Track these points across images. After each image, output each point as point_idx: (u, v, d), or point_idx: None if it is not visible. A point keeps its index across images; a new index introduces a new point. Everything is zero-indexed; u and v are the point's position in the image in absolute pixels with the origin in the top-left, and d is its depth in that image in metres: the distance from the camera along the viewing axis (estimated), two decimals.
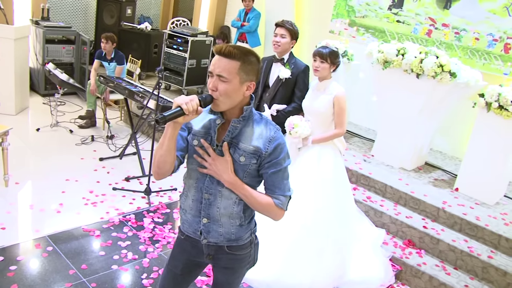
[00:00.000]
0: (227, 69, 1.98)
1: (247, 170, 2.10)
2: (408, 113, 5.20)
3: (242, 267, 2.34)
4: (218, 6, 9.05)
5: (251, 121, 2.11)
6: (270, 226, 3.80)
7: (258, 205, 2.13)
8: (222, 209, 2.15)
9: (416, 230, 4.41)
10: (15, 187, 4.73)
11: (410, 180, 5.11)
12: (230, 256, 2.27)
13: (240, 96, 2.04)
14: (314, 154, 3.77)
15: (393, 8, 6.56)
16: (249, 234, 2.28)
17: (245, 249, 2.28)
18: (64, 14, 8.75)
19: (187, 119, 1.98)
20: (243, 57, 1.99)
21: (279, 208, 2.14)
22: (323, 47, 3.70)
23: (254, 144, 2.07)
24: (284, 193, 2.14)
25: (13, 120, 6.22)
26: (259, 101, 4.25)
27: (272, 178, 2.11)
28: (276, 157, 2.08)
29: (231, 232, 2.20)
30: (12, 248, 3.73)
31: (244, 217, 2.20)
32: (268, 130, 2.09)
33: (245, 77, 2.01)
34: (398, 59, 5.05)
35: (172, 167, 2.14)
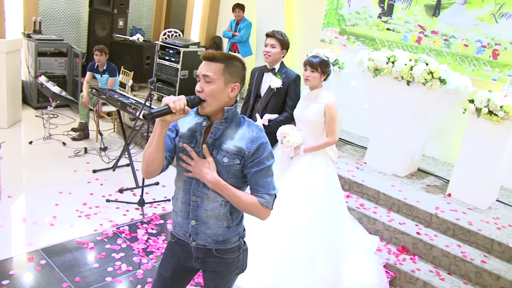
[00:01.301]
0: (211, 70, 2.08)
1: (231, 171, 2.15)
2: (399, 120, 5.24)
3: (230, 272, 2.36)
4: (210, 17, 9.11)
5: (234, 123, 2.18)
6: (262, 233, 3.82)
7: (243, 204, 2.16)
8: (209, 211, 2.20)
9: (409, 237, 4.42)
10: (8, 201, 4.71)
11: (403, 187, 5.13)
12: (218, 260, 2.30)
13: (225, 97, 2.12)
14: (306, 163, 3.79)
15: (382, 16, 6.63)
16: (237, 238, 2.31)
17: (233, 253, 2.32)
18: (56, 26, 8.77)
19: (174, 118, 2.06)
20: (226, 60, 2.09)
21: (264, 207, 2.17)
22: (314, 57, 3.74)
23: (236, 145, 2.13)
24: (269, 191, 2.17)
25: (5, 133, 6.21)
26: (251, 111, 4.28)
27: (256, 177, 2.15)
28: (259, 156, 2.14)
29: (218, 233, 2.24)
30: (4, 262, 3.71)
31: (231, 219, 2.24)
32: (251, 131, 2.16)
33: (230, 78, 2.10)
34: (388, 67, 5.10)
35: (160, 166, 2.19)
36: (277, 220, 3.77)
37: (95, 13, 8.84)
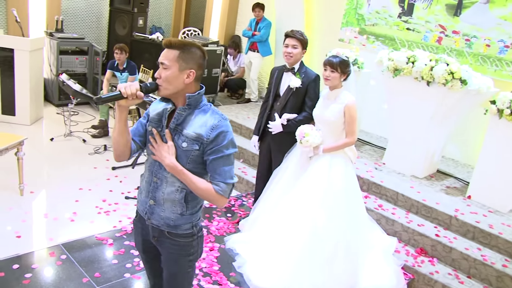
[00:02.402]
0: (167, 57, 2.18)
1: (190, 156, 2.23)
2: (419, 121, 5.19)
3: (183, 256, 2.41)
4: (229, 16, 9.13)
5: (198, 110, 2.26)
6: (280, 232, 3.84)
7: (199, 190, 2.22)
8: (166, 194, 2.30)
9: (428, 238, 4.39)
10: (30, 196, 4.79)
11: (421, 188, 5.09)
12: (172, 242, 2.38)
13: (180, 83, 2.20)
14: (325, 163, 3.79)
15: (403, 16, 6.58)
16: (190, 226, 2.37)
17: (185, 238, 2.38)
18: (77, 25, 8.88)
19: (129, 102, 2.19)
20: (182, 47, 2.18)
21: (219, 195, 2.22)
22: (334, 56, 3.73)
23: (196, 131, 2.20)
24: (225, 180, 2.23)
25: (28, 130, 6.31)
26: (270, 110, 4.28)
27: (213, 164, 2.22)
28: (218, 144, 2.20)
29: (171, 218, 2.33)
30: (27, 256, 3.78)
31: (185, 207, 2.32)
32: (213, 119, 2.22)
33: (184, 65, 2.18)
34: (408, 67, 5.06)
35: (126, 150, 2.34)
36: (295, 219, 3.78)
37: (116, 12, 8.93)
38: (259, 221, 4.20)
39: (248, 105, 7.72)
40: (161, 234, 2.38)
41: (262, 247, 3.97)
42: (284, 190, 4.00)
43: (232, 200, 5.26)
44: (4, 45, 6.31)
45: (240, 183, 5.60)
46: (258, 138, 4.43)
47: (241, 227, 4.54)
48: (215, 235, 4.47)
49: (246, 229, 4.40)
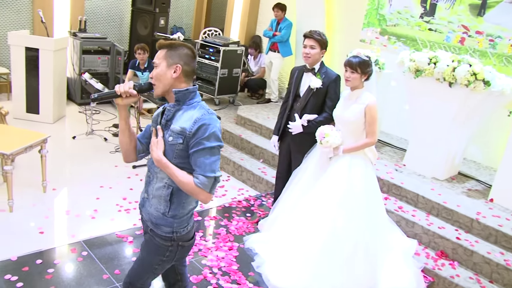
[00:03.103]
0: (157, 56, 2.34)
1: (175, 150, 2.31)
2: (440, 122, 5.14)
3: (157, 255, 2.49)
4: (250, 16, 9.15)
5: (188, 106, 2.35)
6: (300, 232, 3.84)
7: (181, 183, 2.28)
8: (155, 189, 2.42)
9: (449, 241, 4.34)
10: (53, 193, 4.87)
11: (442, 190, 5.04)
12: (151, 238, 2.48)
13: (168, 78, 2.31)
14: (345, 164, 3.78)
15: (425, 16, 6.51)
16: (170, 231, 2.42)
17: (164, 240, 2.45)
18: (100, 25, 8.98)
19: (125, 101, 2.35)
20: (169, 46, 2.33)
21: (199, 188, 2.25)
22: (354, 57, 3.71)
23: (181, 125, 2.29)
24: (205, 173, 2.25)
25: (51, 128, 6.41)
26: (290, 111, 4.28)
27: (194, 156, 2.27)
28: (200, 137, 2.25)
29: (153, 215, 2.43)
30: (49, 252, 3.85)
31: (169, 207, 2.38)
32: (197, 113, 2.31)
33: (171, 60, 2.31)
34: (430, 68, 5.01)
35: (131, 149, 2.50)
36: (315, 220, 3.78)
37: (138, 12, 9.00)
38: (278, 221, 4.20)
39: (268, 105, 7.73)
40: (147, 228, 2.53)
41: (281, 247, 3.97)
42: (303, 191, 4.00)
43: (251, 200, 5.28)
44: (30, 45, 6.44)
45: (259, 183, 5.61)
46: (278, 138, 4.43)
47: (260, 227, 4.55)
48: (234, 234, 4.49)
49: (265, 229, 4.41)
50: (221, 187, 5.62)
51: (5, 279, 3.43)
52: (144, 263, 2.56)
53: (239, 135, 6.41)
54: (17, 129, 4.98)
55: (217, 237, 4.42)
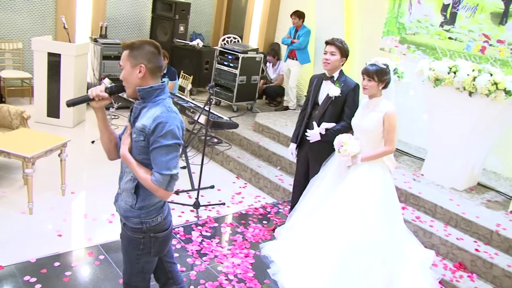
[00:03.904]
0: (122, 58, 2.39)
1: (139, 147, 2.37)
2: (460, 132, 5.09)
3: (132, 249, 2.55)
4: (269, 23, 9.18)
5: (152, 103, 2.38)
6: (317, 242, 3.82)
7: (141, 180, 2.36)
8: (124, 183, 2.51)
9: (467, 253, 4.28)
10: (71, 197, 4.93)
11: (461, 201, 4.97)
12: (125, 233, 2.56)
13: (135, 78, 2.37)
14: (363, 172, 3.76)
15: (445, 25, 6.47)
16: (139, 221, 2.47)
17: (134, 232, 2.50)
18: (120, 31, 9.09)
19: (99, 103, 2.43)
20: (130, 46, 2.36)
21: (156, 185, 2.31)
22: (371, 65, 3.71)
23: (143, 123, 2.34)
24: (160, 171, 2.29)
25: (70, 133, 6.49)
26: (308, 118, 4.27)
27: (153, 154, 2.32)
28: (157, 135, 2.29)
29: (123, 208, 2.51)
30: (67, 255, 3.89)
31: (135, 199, 2.45)
32: (158, 111, 2.34)
33: (134, 61, 2.35)
34: (450, 77, 4.97)
35: (112, 148, 2.59)
36: (332, 229, 3.76)
37: (158, 19, 9.10)
38: (295, 229, 4.19)
39: (286, 112, 7.73)
40: (122, 221, 2.59)
41: (297, 255, 3.96)
42: (321, 199, 3.98)
43: (268, 207, 5.28)
44: (52, 50, 6.55)
45: (276, 190, 5.61)
46: (296, 146, 4.43)
47: (276, 235, 4.54)
48: (250, 241, 4.49)
49: (282, 236, 4.39)
50: (238, 194, 5.63)
51: (24, 281, 3.48)
52: (127, 261, 2.64)
53: (256, 142, 6.42)
54: (38, 133, 5.05)
55: (233, 244, 4.43)
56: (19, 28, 7.78)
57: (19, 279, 3.50)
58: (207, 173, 5.49)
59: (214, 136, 6.83)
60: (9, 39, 7.71)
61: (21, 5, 7.69)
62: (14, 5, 7.64)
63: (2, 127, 5.37)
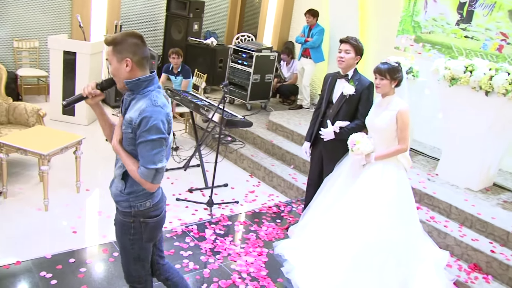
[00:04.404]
0: (108, 54, 2.43)
1: (128, 138, 2.44)
2: (475, 132, 5.04)
3: (124, 234, 2.62)
4: (283, 22, 9.17)
5: (141, 95, 2.42)
6: (330, 241, 3.81)
7: (129, 171, 2.45)
8: (116, 169, 2.59)
9: (483, 254, 4.24)
10: (86, 194, 4.97)
11: (476, 201, 4.93)
12: (117, 218, 2.65)
13: (123, 72, 2.40)
14: (377, 171, 3.74)
15: (461, 23, 6.41)
16: (128, 205, 2.54)
17: (125, 216, 2.58)
18: (135, 29, 9.10)
19: (94, 100, 2.49)
20: (113, 41, 2.38)
21: (142, 179, 2.39)
22: (383, 63, 3.70)
23: (131, 115, 2.39)
24: (146, 165, 2.36)
25: (85, 130, 6.55)
26: (322, 117, 4.26)
27: (139, 148, 2.39)
28: (142, 129, 2.34)
29: (114, 193, 2.60)
30: (82, 251, 3.93)
31: (124, 185, 2.53)
32: (144, 104, 2.38)
33: (120, 56, 2.38)
34: (466, 76, 4.92)
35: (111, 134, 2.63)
36: (346, 228, 3.75)
37: (172, 17, 9.15)
38: (308, 227, 4.18)
39: (300, 111, 7.72)
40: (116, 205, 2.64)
41: (311, 254, 3.95)
42: (335, 198, 3.97)
43: (281, 206, 5.28)
44: (68, 48, 6.62)
45: (290, 189, 5.61)
46: (310, 145, 4.42)
47: (290, 233, 4.54)
48: (263, 240, 4.50)
49: (295, 235, 4.39)
50: (251, 192, 5.64)
51: (40, 276, 3.53)
52: (122, 248, 2.70)
53: (270, 140, 6.42)
54: (53, 130, 5.10)
55: (246, 242, 4.43)
56: (36, 27, 7.87)
57: (36, 274, 3.55)
58: (220, 172, 5.50)
59: (228, 134, 6.84)
60: (26, 38, 7.80)
61: (38, 5, 7.77)
62: (31, 4, 7.72)
63: (19, 124, 5.44)
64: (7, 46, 7.69)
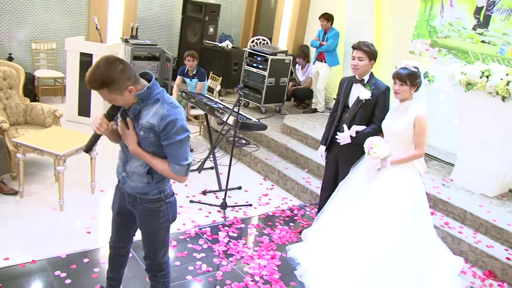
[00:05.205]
0: (104, 96, 2.44)
1: (149, 142, 2.54)
2: (491, 137, 4.99)
3: (155, 220, 2.76)
4: (298, 25, 9.17)
5: (151, 102, 2.51)
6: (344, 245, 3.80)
7: (159, 171, 2.59)
8: (133, 167, 2.67)
9: (498, 261, 4.20)
10: (100, 194, 5.02)
11: (492, 208, 4.88)
12: (142, 207, 2.74)
13: (129, 99, 2.47)
14: (393, 175, 3.72)
15: (478, 28, 6.35)
16: (157, 192, 2.70)
17: (153, 203, 2.72)
18: (150, 32, 9.21)
19: (109, 132, 2.60)
20: (103, 85, 2.36)
21: (176, 175, 2.57)
22: (403, 69, 3.66)
23: (149, 121, 2.50)
24: (179, 162, 2.54)
25: None
26: (338, 121, 4.25)
27: (168, 149, 2.53)
28: (169, 132, 2.48)
29: (139, 187, 2.68)
30: (96, 251, 3.96)
31: (151, 178, 2.65)
32: (162, 109, 2.49)
33: (119, 90, 2.41)
34: (482, 81, 4.88)
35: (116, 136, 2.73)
36: (361, 232, 3.74)
37: (187, 20, 9.20)
38: (322, 231, 4.17)
39: (315, 115, 7.70)
40: (134, 199, 2.74)
41: (324, 258, 3.95)
42: (350, 201, 3.96)
43: (295, 210, 5.27)
44: (84, 50, 6.69)
45: (303, 192, 5.60)
46: (326, 149, 4.41)
47: (303, 237, 4.53)
48: (277, 243, 4.50)
49: (309, 238, 4.38)
50: (265, 195, 5.64)
51: (55, 275, 3.57)
52: (149, 236, 2.82)
53: (284, 144, 6.42)
54: (69, 131, 5.16)
55: (259, 245, 4.44)
56: (53, 29, 7.97)
57: (50, 273, 3.59)
58: (234, 174, 5.51)
59: (242, 137, 6.86)
60: (44, 40, 7.90)
61: (56, 7, 7.88)
62: (49, 6, 7.82)
63: (36, 125, 5.50)
64: (25, 47, 7.80)
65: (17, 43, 7.73)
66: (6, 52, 7.61)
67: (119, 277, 3.27)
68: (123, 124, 2.60)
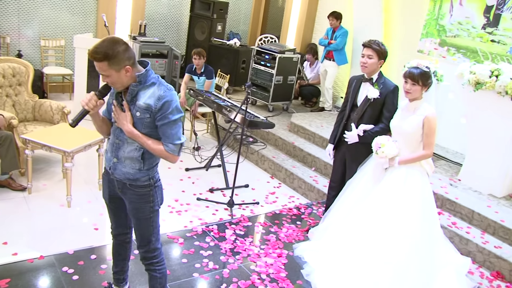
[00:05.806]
0: (100, 68, 2.52)
1: (144, 123, 2.66)
2: (500, 137, 4.96)
3: (144, 203, 2.85)
4: (306, 23, 9.15)
5: (148, 84, 2.64)
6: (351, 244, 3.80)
7: (153, 150, 2.69)
8: (126, 152, 2.75)
9: (506, 262, 4.18)
10: None
11: (500, 208, 4.85)
12: (132, 192, 2.82)
13: (125, 78, 2.57)
14: (401, 175, 3.71)
15: (487, 27, 6.32)
16: (147, 179, 2.81)
17: (143, 188, 2.82)
18: (158, 29, 9.22)
19: (96, 109, 2.69)
20: (106, 57, 2.46)
21: (170, 154, 2.69)
22: (415, 68, 3.63)
23: (146, 102, 2.62)
24: (173, 141, 2.67)
25: None
26: (346, 120, 4.24)
27: (162, 129, 2.66)
28: (164, 112, 2.61)
29: (130, 173, 2.77)
30: (103, 248, 3.98)
31: (143, 163, 2.75)
32: (159, 90, 2.63)
33: (117, 67, 2.51)
34: (491, 81, 4.85)
35: (106, 128, 2.88)
36: (368, 232, 3.73)
37: (196, 18, 9.20)
38: (329, 230, 4.17)
39: (322, 113, 7.69)
40: (124, 186, 2.83)
41: (331, 257, 3.94)
42: (357, 201, 3.95)
43: (302, 208, 5.27)
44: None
45: (311, 191, 5.59)
46: (334, 147, 4.40)
47: (310, 235, 4.53)
48: (283, 241, 4.50)
49: (316, 237, 4.38)
50: (272, 193, 5.64)
51: (62, 271, 3.59)
52: (141, 220, 2.90)
53: (292, 142, 6.42)
54: (77, 128, 5.13)
55: (266, 244, 4.44)
56: (62, 26, 8.00)
57: (58, 269, 3.61)
58: (241, 172, 5.52)
59: (250, 135, 6.86)
60: (53, 37, 7.94)
61: (65, 4, 7.91)
62: (58, 4, 7.85)
63: (44, 121, 5.53)
64: (34, 44, 7.84)
65: (26, 40, 7.77)
66: (16, 49, 7.65)
67: (124, 270, 3.34)
68: (117, 108, 2.69)
